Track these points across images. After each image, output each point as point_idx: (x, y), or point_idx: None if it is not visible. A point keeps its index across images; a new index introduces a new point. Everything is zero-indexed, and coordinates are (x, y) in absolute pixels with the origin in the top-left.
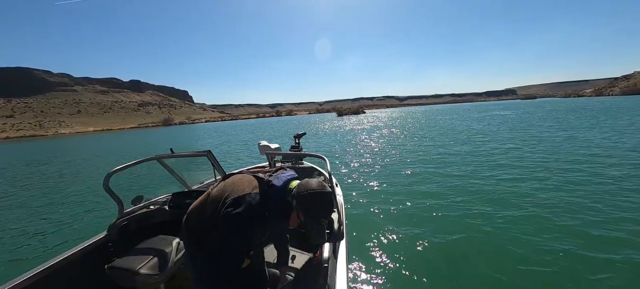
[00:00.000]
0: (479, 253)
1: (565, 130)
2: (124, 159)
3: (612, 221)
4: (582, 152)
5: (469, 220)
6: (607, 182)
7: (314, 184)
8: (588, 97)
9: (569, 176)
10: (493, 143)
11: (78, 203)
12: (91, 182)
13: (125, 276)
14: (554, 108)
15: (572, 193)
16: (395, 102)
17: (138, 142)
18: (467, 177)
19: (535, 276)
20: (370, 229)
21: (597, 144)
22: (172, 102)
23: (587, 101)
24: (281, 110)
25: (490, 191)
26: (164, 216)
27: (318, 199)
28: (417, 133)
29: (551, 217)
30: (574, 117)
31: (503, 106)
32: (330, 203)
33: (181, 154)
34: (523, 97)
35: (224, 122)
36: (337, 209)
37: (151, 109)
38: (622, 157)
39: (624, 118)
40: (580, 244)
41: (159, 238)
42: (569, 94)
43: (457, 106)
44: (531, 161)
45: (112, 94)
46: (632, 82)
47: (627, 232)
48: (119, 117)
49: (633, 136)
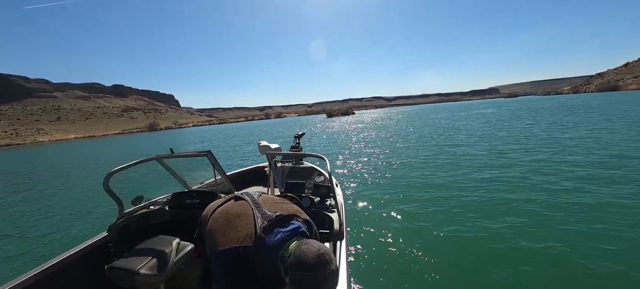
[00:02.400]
0: (479, 252)
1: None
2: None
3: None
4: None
5: (471, 220)
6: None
7: (312, 261)
8: (566, 94)
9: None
10: (487, 141)
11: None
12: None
13: (125, 276)
14: (541, 106)
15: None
16: (384, 102)
17: (119, 149)
18: (467, 177)
19: (539, 277)
20: (371, 229)
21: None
22: (157, 107)
23: (567, 98)
24: (270, 112)
25: (490, 191)
26: (164, 216)
27: (317, 280)
28: (413, 133)
29: (564, 218)
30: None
31: (488, 104)
32: (333, 282)
33: (181, 154)
34: (506, 95)
35: (212, 125)
36: (337, 210)
37: (136, 114)
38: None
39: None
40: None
41: (159, 238)
42: (549, 91)
43: (444, 105)
44: (542, 160)
45: (93, 100)
46: (606, 79)
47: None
48: (101, 123)
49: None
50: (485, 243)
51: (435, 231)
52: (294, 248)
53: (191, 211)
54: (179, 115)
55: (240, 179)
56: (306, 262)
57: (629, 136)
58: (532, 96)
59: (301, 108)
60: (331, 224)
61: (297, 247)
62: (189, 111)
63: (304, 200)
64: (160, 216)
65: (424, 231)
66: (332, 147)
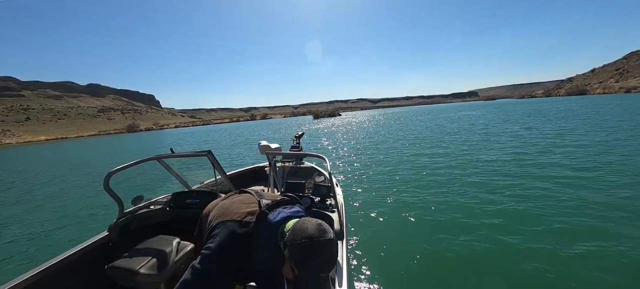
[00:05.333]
0: (480, 252)
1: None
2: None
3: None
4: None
5: (471, 220)
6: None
7: (311, 229)
8: (539, 97)
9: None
10: (485, 143)
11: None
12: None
13: (125, 276)
14: (518, 109)
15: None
16: (369, 104)
17: (91, 150)
18: (467, 176)
19: (542, 278)
20: (371, 229)
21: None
22: (136, 107)
23: (539, 102)
24: (256, 113)
25: (490, 191)
26: (164, 216)
27: (317, 251)
28: (408, 134)
29: (567, 218)
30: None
31: (470, 106)
32: (332, 254)
33: (181, 154)
34: (485, 98)
35: (196, 127)
36: (337, 210)
37: (113, 114)
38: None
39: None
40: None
41: (159, 238)
42: (523, 95)
43: (429, 107)
44: (537, 159)
45: (66, 99)
46: (574, 84)
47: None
48: (75, 125)
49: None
50: (486, 242)
51: (436, 231)
52: (292, 225)
53: (191, 211)
54: (160, 116)
55: (241, 179)
56: (305, 229)
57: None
58: (509, 99)
59: (287, 109)
60: (331, 224)
61: (294, 225)
62: (170, 112)
63: (304, 200)
64: (160, 216)
65: (425, 230)
66: (331, 147)
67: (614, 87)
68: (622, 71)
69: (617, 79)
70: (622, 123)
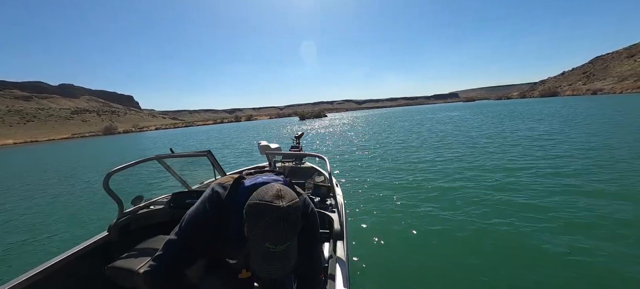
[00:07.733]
0: (481, 252)
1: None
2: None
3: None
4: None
5: (472, 219)
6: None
7: (269, 192)
8: (515, 99)
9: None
10: (483, 143)
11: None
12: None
13: (125, 276)
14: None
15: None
16: (354, 105)
17: (59, 155)
18: (467, 176)
19: (546, 279)
20: (371, 229)
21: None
22: (114, 109)
23: (516, 103)
24: (240, 115)
25: (491, 190)
26: (164, 216)
27: (262, 214)
28: (403, 135)
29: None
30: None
31: (452, 108)
32: (280, 225)
33: (181, 154)
34: (465, 99)
35: (178, 129)
36: (337, 210)
37: (88, 116)
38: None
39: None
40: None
41: (159, 238)
42: (500, 96)
43: (414, 108)
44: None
45: (36, 101)
46: (546, 86)
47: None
48: (46, 127)
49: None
50: (487, 242)
51: (437, 231)
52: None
53: None
54: (139, 117)
55: None
56: (264, 191)
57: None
58: (488, 100)
59: (272, 111)
60: (331, 224)
61: (261, 187)
62: (151, 113)
63: None
64: (160, 216)
65: (425, 230)
66: (328, 147)
67: (581, 89)
68: (589, 74)
69: (584, 82)
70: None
